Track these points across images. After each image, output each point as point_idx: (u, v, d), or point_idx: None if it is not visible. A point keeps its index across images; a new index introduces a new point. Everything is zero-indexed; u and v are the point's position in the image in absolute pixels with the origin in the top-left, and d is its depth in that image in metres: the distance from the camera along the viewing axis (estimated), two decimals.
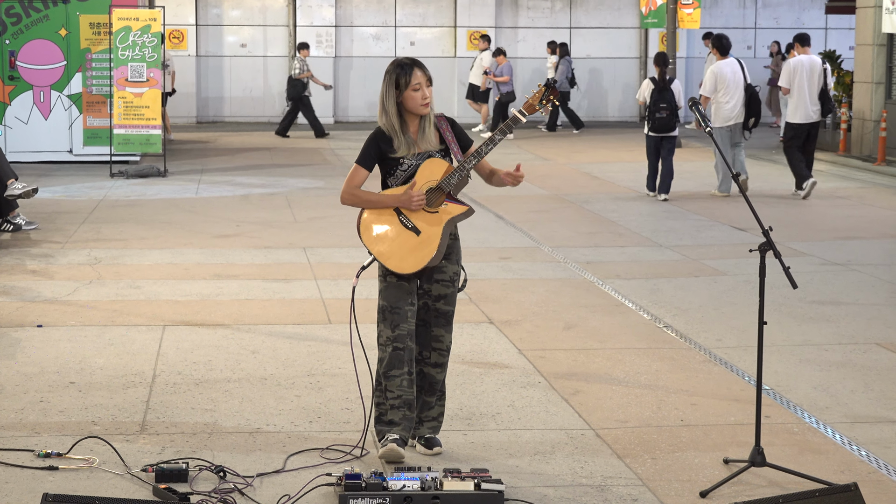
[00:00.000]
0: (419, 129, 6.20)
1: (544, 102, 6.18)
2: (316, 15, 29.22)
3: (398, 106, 6.16)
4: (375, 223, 6.18)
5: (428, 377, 6.33)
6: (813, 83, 16.67)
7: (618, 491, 5.85)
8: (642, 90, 16.59)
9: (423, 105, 6.15)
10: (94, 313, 9.42)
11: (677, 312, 9.66)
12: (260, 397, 7.29)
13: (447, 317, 6.29)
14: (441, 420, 6.43)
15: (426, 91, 6.14)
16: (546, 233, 13.49)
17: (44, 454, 6.16)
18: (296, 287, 10.49)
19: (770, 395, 7.42)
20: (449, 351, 6.35)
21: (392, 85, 6.14)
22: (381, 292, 6.21)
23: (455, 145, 6.22)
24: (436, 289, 6.25)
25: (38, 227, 13.36)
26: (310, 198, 16.24)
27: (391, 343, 6.14)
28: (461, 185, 6.18)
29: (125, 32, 18.38)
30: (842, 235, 13.46)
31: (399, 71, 6.14)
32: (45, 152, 19.71)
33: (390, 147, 6.17)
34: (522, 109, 6.17)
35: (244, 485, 5.83)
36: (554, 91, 6.20)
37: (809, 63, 16.76)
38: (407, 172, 6.17)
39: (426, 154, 6.19)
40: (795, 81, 16.71)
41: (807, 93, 16.66)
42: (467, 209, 6.20)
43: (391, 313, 6.15)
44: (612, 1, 30.39)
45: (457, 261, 6.28)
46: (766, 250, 5.97)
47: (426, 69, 6.19)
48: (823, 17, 30.24)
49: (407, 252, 6.11)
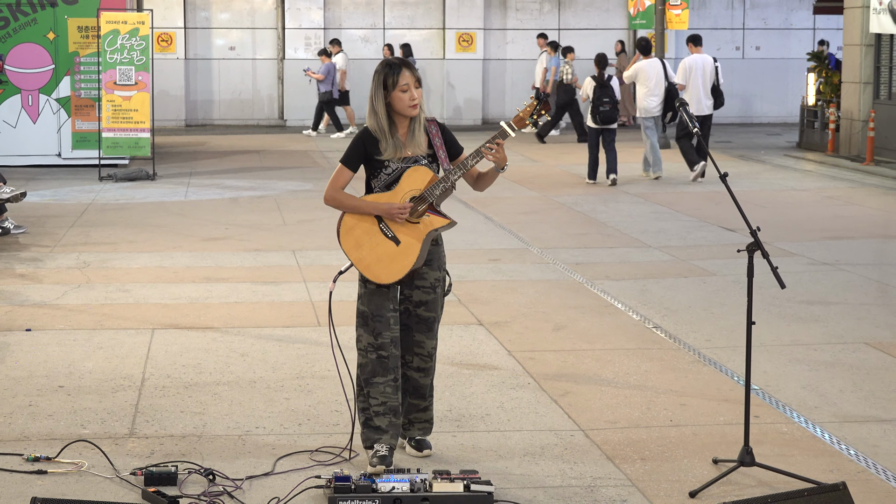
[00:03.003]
0: (409, 131, 6.11)
1: (535, 117, 6.02)
2: (304, 17, 29.21)
3: (387, 107, 6.07)
4: (355, 229, 6.09)
5: (412, 381, 6.26)
6: (706, 79, 18.54)
7: (607, 492, 5.86)
8: (585, 88, 18.23)
9: (412, 106, 6.05)
10: (82, 317, 9.41)
11: (666, 313, 9.67)
12: (249, 400, 7.28)
13: (428, 323, 6.20)
14: (432, 422, 6.39)
15: (414, 92, 6.04)
16: (535, 234, 13.50)
17: (33, 458, 6.15)
18: (285, 290, 10.48)
19: (759, 395, 7.44)
20: (432, 356, 6.25)
21: (380, 85, 6.06)
22: (361, 297, 6.14)
23: (443, 152, 6.11)
24: (417, 295, 6.17)
25: (26, 230, 13.34)
26: (299, 200, 16.23)
27: (375, 350, 6.07)
28: (444, 195, 6.07)
29: (113, 36, 18.36)
30: (830, 235, 13.49)
31: (387, 71, 6.05)
32: (33, 156, 19.68)
33: (376, 149, 6.08)
34: (512, 123, 6.02)
35: (233, 488, 5.83)
36: (546, 105, 6.04)
37: (702, 61, 18.61)
38: (391, 177, 6.07)
39: (412, 160, 6.08)
40: (690, 78, 18.50)
41: (700, 88, 18.51)
42: (449, 222, 6.08)
43: (373, 320, 6.08)
44: (601, 2, 30.42)
45: (439, 267, 6.18)
46: (755, 250, 5.98)
47: (415, 70, 6.11)
48: (811, 17, 30.30)
49: (385, 262, 6.02)
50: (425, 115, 6.17)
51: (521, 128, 6.04)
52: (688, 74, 18.47)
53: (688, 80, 18.46)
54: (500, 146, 5.98)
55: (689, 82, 18.47)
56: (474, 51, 29.64)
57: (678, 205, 15.85)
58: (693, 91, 18.47)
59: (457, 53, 29.61)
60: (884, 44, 21.20)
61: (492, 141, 5.96)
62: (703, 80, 18.47)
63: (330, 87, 26.05)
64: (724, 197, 16.32)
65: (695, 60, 18.59)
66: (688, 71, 18.48)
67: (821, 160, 21.45)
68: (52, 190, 17.15)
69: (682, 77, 18.51)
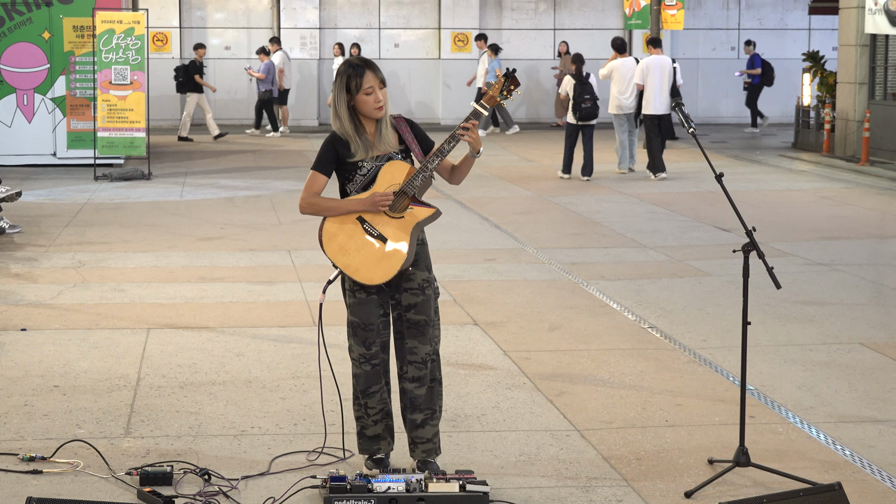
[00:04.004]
0: (376, 130, 5.90)
1: (505, 93, 5.85)
2: (300, 17, 29.19)
3: (350, 110, 5.85)
4: (339, 233, 5.84)
5: (407, 393, 5.99)
6: (664, 80, 18.96)
7: (602, 492, 5.86)
8: (564, 85, 18.89)
9: (377, 109, 5.84)
10: (78, 316, 9.40)
11: (662, 313, 9.67)
12: (245, 400, 7.28)
13: (419, 327, 5.93)
14: (437, 442, 6.04)
15: (379, 94, 5.83)
16: (531, 234, 13.50)
17: (28, 458, 6.14)
18: (280, 289, 10.48)
19: (754, 395, 7.44)
20: (426, 363, 5.96)
21: (343, 88, 5.83)
22: (350, 307, 5.95)
23: (416, 146, 5.93)
24: (405, 298, 5.92)
25: (21, 230, 13.32)
26: (294, 200, 16.21)
27: (367, 361, 5.94)
28: (425, 186, 5.88)
29: (108, 35, 18.34)
30: (825, 236, 13.50)
31: (350, 72, 5.82)
32: (28, 155, 19.66)
33: (347, 151, 5.84)
34: (483, 102, 5.87)
35: (229, 487, 5.82)
36: (514, 81, 5.87)
37: (660, 62, 19.06)
38: (367, 177, 5.85)
39: (386, 157, 5.86)
40: (648, 78, 18.96)
41: (658, 88, 18.96)
42: (434, 211, 5.87)
43: (364, 330, 5.91)
44: (596, 2, 30.42)
45: (426, 267, 5.96)
46: (750, 251, 5.99)
47: (379, 70, 5.88)
48: (807, 17, 30.31)
49: (374, 262, 5.79)
50: (391, 113, 5.97)
51: (492, 105, 5.89)
52: (646, 75, 19.00)
53: (646, 80, 18.99)
54: (474, 126, 5.79)
55: (648, 82, 18.98)
56: (469, 51, 29.63)
57: (674, 205, 15.86)
58: (651, 91, 18.98)
59: (452, 53, 29.60)
60: (879, 44, 21.22)
61: (466, 122, 5.79)
62: (660, 80, 18.95)
63: (270, 86, 26.24)
64: (719, 197, 16.33)
65: (653, 61, 19.11)
66: (646, 71, 19.01)
67: (816, 160, 21.47)
68: (47, 189, 17.13)
69: (639, 77, 19.05)
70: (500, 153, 22.34)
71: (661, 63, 19.11)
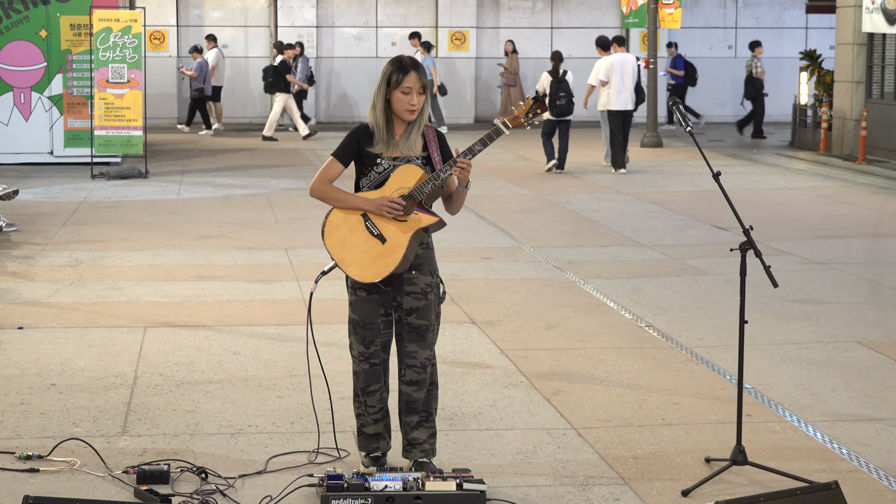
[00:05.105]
0: (405, 132, 5.89)
1: (530, 116, 5.83)
2: (297, 16, 29.18)
3: (386, 103, 5.86)
4: (341, 226, 5.84)
5: (404, 396, 5.98)
6: (627, 77, 19.51)
7: (599, 490, 5.86)
8: (541, 82, 19.31)
9: (409, 111, 5.83)
10: (75, 315, 9.40)
11: (659, 312, 9.67)
12: (242, 398, 7.28)
13: (419, 331, 5.91)
14: (433, 443, 6.05)
15: (415, 97, 5.82)
16: (527, 232, 13.50)
17: (25, 456, 6.14)
18: (277, 288, 10.47)
19: (751, 393, 7.44)
20: (425, 368, 5.94)
21: (385, 80, 5.86)
22: (352, 305, 5.95)
23: (437, 155, 5.91)
24: (407, 302, 5.89)
25: (18, 228, 13.31)
26: (291, 198, 16.22)
27: (367, 360, 5.94)
28: (434, 195, 5.87)
29: (106, 34, 18.33)
30: (822, 234, 13.50)
31: (394, 68, 5.85)
32: (25, 154, 19.65)
33: (369, 141, 5.87)
34: (507, 121, 5.86)
35: (226, 486, 5.82)
36: (542, 105, 5.85)
37: (623, 60, 19.66)
38: (381, 175, 5.84)
39: (405, 159, 5.87)
40: (612, 76, 19.49)
41: (621, 85, 19.48)
42: (438, 220, 5.84)
43: (364, 329, 5.91)
44: (593, 1, 30.42)
45: (430, 272, 5.93)
46: (747, 249, 5.99)
47: (424, 76, 5.87)
48: (804, 16, 30.31)
49: (368, 260, 5.78)
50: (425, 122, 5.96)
51: (515, 126, 5.88)
52: (610, 72, 19.49)
53: (610, 77, 19.48)
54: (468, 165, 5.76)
55: (612, 80, 19.47)
56: (467, 49, 29.64)
57: (671, 203, 15.86)
58: (614, 88, 19.49)
59: (450, 52, 29.60)
60: (876, 43, 21.22)
61: (486, 137, 5.79)
62: (623, 78, 19.46)
63: (202, 84, 26.34)
64: (716, 196, 16.32)
65: (616, 59, 19.64)
66: (609, 69, 19.51)
67: (813, 159, 21.48)
68: (44, 188, 17.12)
69: (604, 74, 19.56)
70: (497, 151, 22.34)
71: (624, 60, 19.63)
